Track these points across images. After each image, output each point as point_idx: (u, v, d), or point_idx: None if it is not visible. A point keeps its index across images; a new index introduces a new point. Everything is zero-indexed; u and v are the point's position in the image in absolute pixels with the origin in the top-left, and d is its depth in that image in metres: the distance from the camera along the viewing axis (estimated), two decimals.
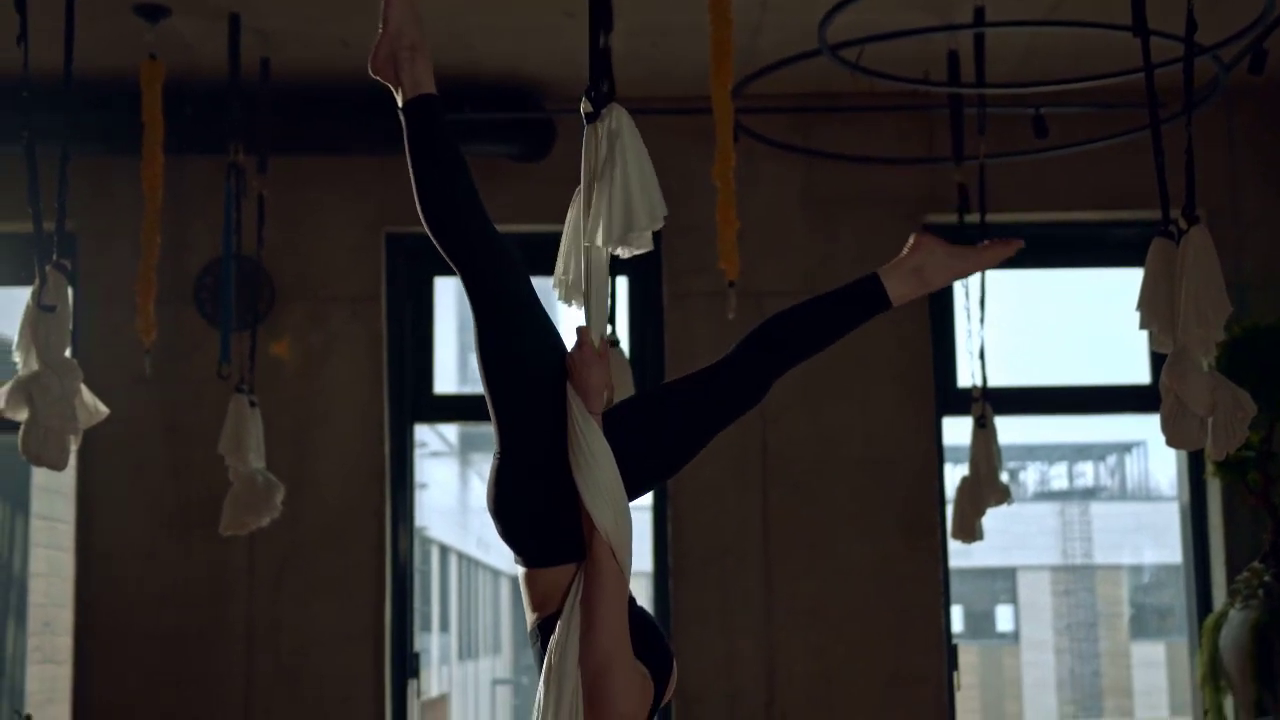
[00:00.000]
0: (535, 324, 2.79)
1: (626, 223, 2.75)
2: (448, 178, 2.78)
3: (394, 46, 2.86)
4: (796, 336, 2.89)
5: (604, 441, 2.68)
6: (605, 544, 2.64)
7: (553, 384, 2.74)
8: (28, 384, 4.13)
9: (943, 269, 2.93)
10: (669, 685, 2.77)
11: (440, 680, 17.73)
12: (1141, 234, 4.44)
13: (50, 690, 8.82)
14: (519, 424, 2.76)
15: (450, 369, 13.89)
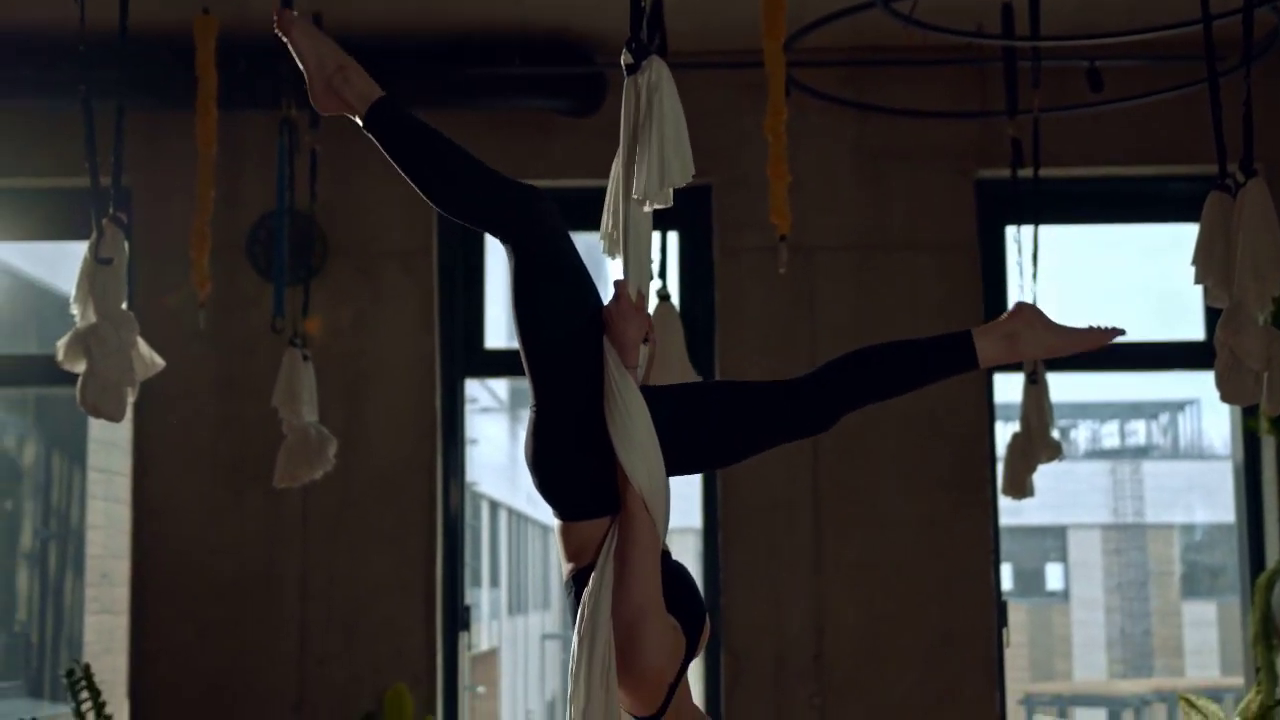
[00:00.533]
0: (572, 277, 2.79)
1: (662, 177, 2.75)
2: (440, 166, 2.79)
3: (323, 78, 2.84)
4: (878, 376, 2.87)
5: (639, 396, 2.69)
6: (639, 498, 2.65)
7: (590, 338, 2.74)
8: (85, 336, 4.18)
9: (1037, 342, 2.91)
10: (700, 640, 2.78)
11: (490, 635, 17.86)
12: (1197, 189, 4.40)
13: (108, 640, 8.95)
14: (555, 379, 2.77)
15: (501, 324, 13.91)
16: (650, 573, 2.65)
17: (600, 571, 2.69)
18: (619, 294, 2.75)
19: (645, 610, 2.62)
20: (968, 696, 6.49)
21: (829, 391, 2.83)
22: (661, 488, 2.69)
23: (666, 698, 2.70)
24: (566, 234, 2.82)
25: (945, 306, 6.65)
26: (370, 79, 2.84)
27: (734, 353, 6.65)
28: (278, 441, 5.81)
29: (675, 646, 2.69)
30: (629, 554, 2.65)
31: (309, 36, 2.85)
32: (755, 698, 6.49)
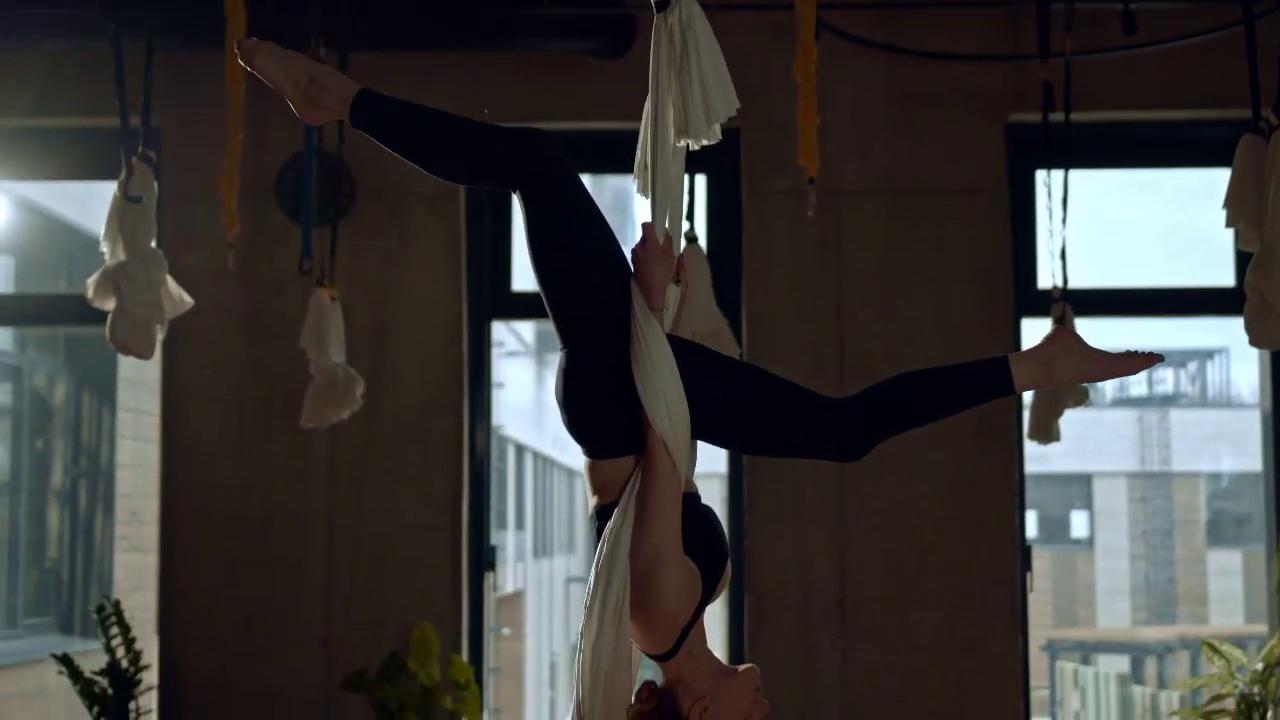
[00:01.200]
0: (584, 218, 2.78)
1: (707, 114, 2.74)
2: (430, 140, 2.76)
3: (299, 93, 2.79)
4: (915, 407, 2.81)
5: (664, 340, 2.69)
6: (660, 440, 2.66)
7: (612, 281, 2.74)
8: (115, 274, 4.20)
9: (1074, 368, 2.84)
10: (719, 586, 2.79)
11: (515, 577, 17.96)
12: (1230, 133, 4.36)
13: (137, 578, 9.04)
14: (579, 323, 2.76)
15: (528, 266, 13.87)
16: (669, 515, 2.66)
17: (622, 510, 2.70)
18: (646, 235, 2.75)
19: (662, 552, 2.64)
20: (990, 641, 6.51)
21: (866, 420, 2.80)
22: (683, 431, 2.69)
23: (679, 639, 2.71)
24: (573, 174, 2.79)
25: (973, 252, 6.63)
26: (342, 78, 2.81)
27: (761, 297, 6.64)
28: (305, 382, 5.85)
29: (691, 590, 2.70)
30: (648, 496, 2.66)
31: (273, 58, 2.81)
32: (778, 641, 6.52)
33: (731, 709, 2.74)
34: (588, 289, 2.75)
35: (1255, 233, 3.90)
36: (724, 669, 2.78)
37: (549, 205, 2.75)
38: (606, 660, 2.64)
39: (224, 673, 6.56)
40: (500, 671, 15.70)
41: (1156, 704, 15.44)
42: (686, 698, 2.73)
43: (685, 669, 2.74)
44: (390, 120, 2.79)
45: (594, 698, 2.64)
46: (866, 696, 6.49)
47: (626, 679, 2.67)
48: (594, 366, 2.75)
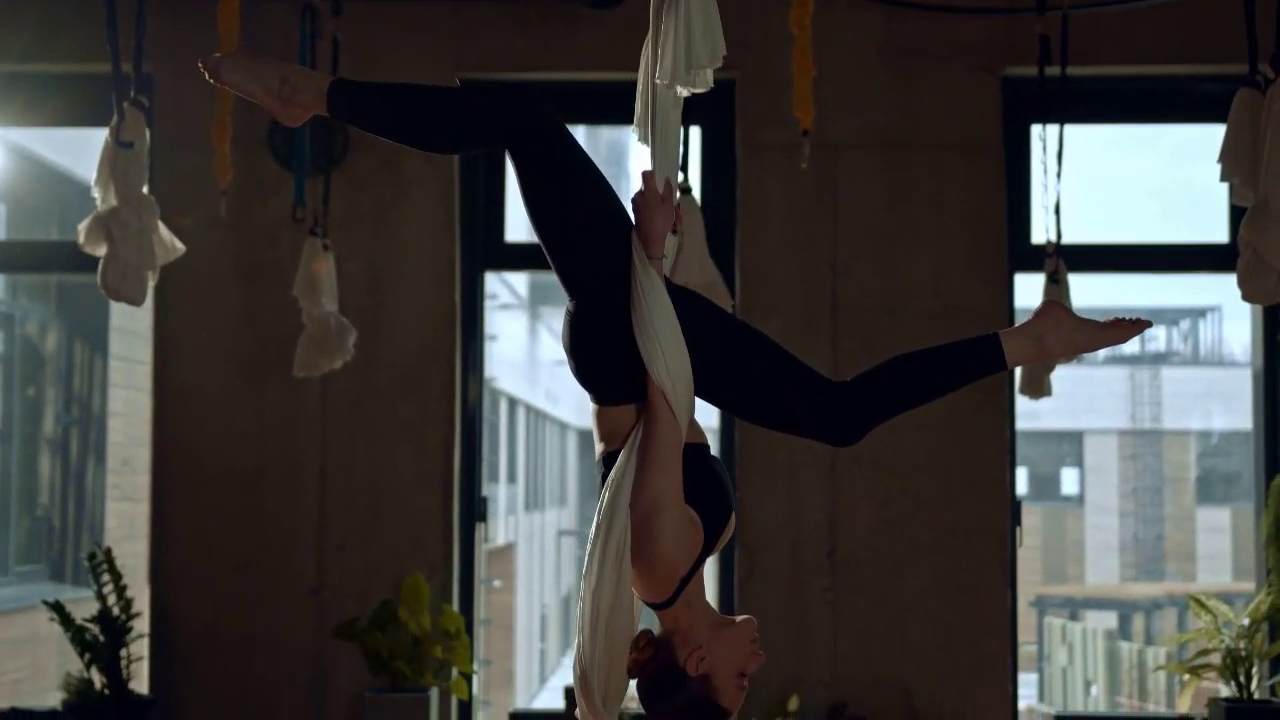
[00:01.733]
0: (578, 169, 2.76)
1: (688, 59, 2.72)
2: (412, 119, 2.73)
3: (274, 98, 2.75)
4: (910, 389, 2.84)
5: (663, 290, 2.69)
6: (658, 390, 2.67)
7: (611, 231, 2.74)
8: (106, 219, 4.19)
9: (1065, 341, 2.87)
10: (721, 537, 2.79)
11: (507, 530, 18.02)
12: (1227, 89, 4.35)
13: (129, 526, 9.06)
14: (580, 274, 2.76)
15: (522, 217, 13.87)
16: (668, 465, 2.66)
17: (625, 458, 2.71)
18: (646, 184, 2.74)
19: (661, 501, 2.65)
20: (980, 595, 6.54)
21: (862, 407, 2.82)
22: (682, 381, 2.69)
23: (678, 589, 2.72)
24: (561, 127, 2.77)
25: (968, 206, 6.62)
26: (313, 73, 2.78)
27: (754, 250, 6.64)
28: (298, 331, 5.84)
29: (691, 540, 2.70)
30: (648, 445, 2.67)
31: (240, 69, 2.77)
32: (769, 592, 6.55)
33: (728, 659, 2.75)
34: (586, 241, 2.75)
35: (1250, 187, 3.90)
36: (721, 619, 2.79)
37: (540, 162, 2.74)
38: (606, 606, 2.65)
39: (215, 621, 6.58)
40: (491, 623, 15.76)
41: (1143, 660, 15.55)
42: (683, 648, 2.74)
43: (683, 618, 2.75)
44: (368, 106, 2.77)
45: (594, 644, 2.66)
46: (856, 648, 6.52)
47: (627, 626, 2.68)
48: (598, 315, 2.75)
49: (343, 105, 2.75)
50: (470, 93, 2.78)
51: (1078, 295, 5.91)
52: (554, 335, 22.34)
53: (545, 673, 20.73)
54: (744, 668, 2.77)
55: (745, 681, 2.78)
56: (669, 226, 2.73)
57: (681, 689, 2.75)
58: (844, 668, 6.52)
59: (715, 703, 2.76)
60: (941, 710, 6.47)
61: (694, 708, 2.76)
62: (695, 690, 2.74)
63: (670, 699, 2.76)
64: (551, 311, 22.43)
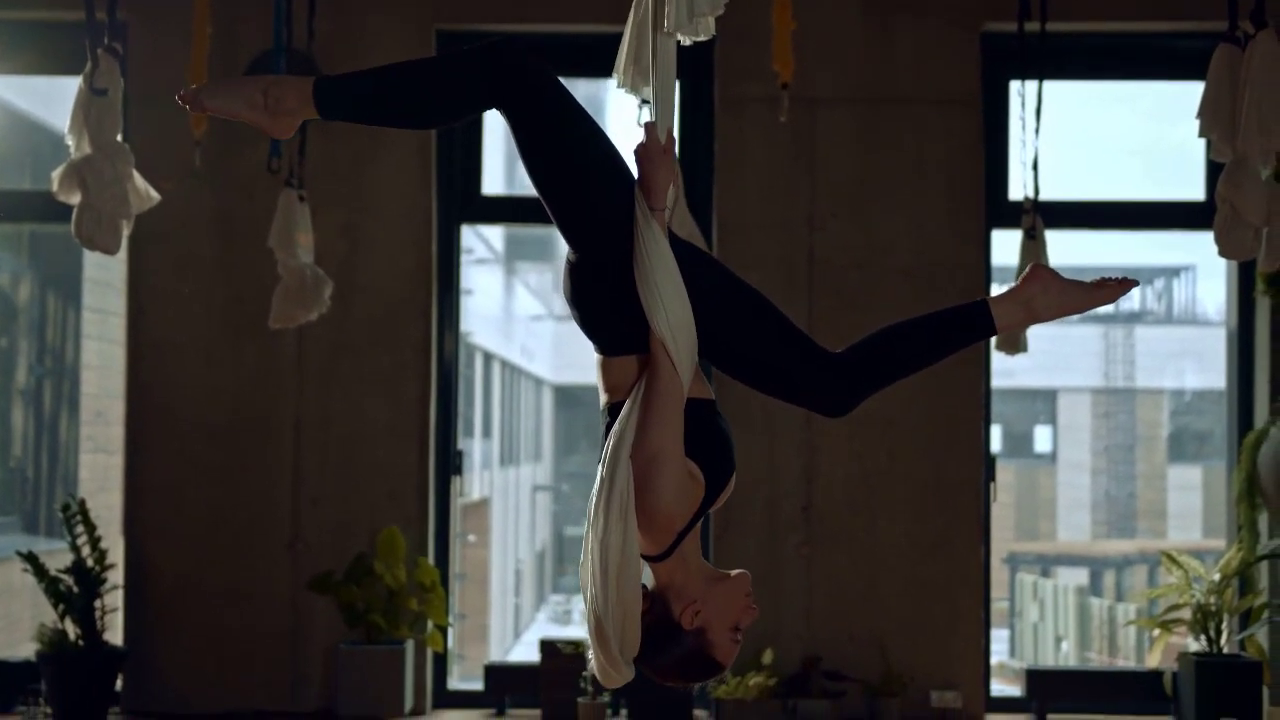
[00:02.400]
0: (583, 125, 2.74)
1: (690, 7, 2.70)
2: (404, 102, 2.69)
3: (262, 113, 2.69)
4: (900, 358, 2.83)
5: (665, 242, 2.68)
6: (659, 342, 2.66)
7: (611, 183, 2.72)
8: (80, 167, 4.15)
9: (1054, 304, 2.86)
10: (721, 494, 2.80)
11: (481, 484, 18.02)
12: (1206, 45, 4.34)
13: (102, 479, 9.02)
14: (584, 227, 2.74)
15: (498, 171, 13.84)
16: (668, 418, 2.66)
17: (627, 410, 2.71)
18: (649, 135, 2.72)
19: (660, 454, 2.64)
20: (954, 549, 6.57)
21: (856, 377, 2.81)
22: (684, 334, 2.68)
23: (675, 542, 2.72)
24: (552, 79, 2.73)
25: (946, 162, 6.62)
26: (292, 78, 2.72)
27: (732, 205, 6.62)
28: (273, 283, 5.82)
29: (691, 495, 2.71)
30: (649, 398, 2.67)
31: (220, 92, 2.71)
32: (743, 546, 6.57)
33: (722, 613, 2.76)
34: (587, 194, 2.72)
35: (1228, 143, 3.90)
36: (716, 574, 2.80)
37: (535, 117, 2.70)
38: (616, 555, 2.65)
39: (190, 573, 6.58)
40: (465, 578, 15.80)
41: (1114, 616, 15.67)
42: (678, 602, 2.75)
43: (678, 572, 2.75)
44: (355, 100, 2.72)
45: (606, 593, 2.65)
46: (831, 602, 6.55)
47: (636, 575, 2.68)
48: (600, 267, 2.74)
49: (330, 104, 2.70)
50: (455, 61, 2.72)
51: (1054, 253, 5.92)
52: (530, 290, 22.29)
53: (519, 627, 20.79)
54: (739, 621, 2.78)
55: (739, 635, 2.79)
56: (671, 178, 2.72)
57: (676, 643, 2.76)
58: (818, 622, 6.55)
59: (710, 656, 2.77)
60: (915, 664, 6.51)
61: (689, 661, 2.77)
62: (690, 644, 2.75)
63: (665, 652, 2.76)
64: (527, 267, 22.39)
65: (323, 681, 6.55)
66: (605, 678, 2.72)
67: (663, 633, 2.75)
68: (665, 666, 2.78)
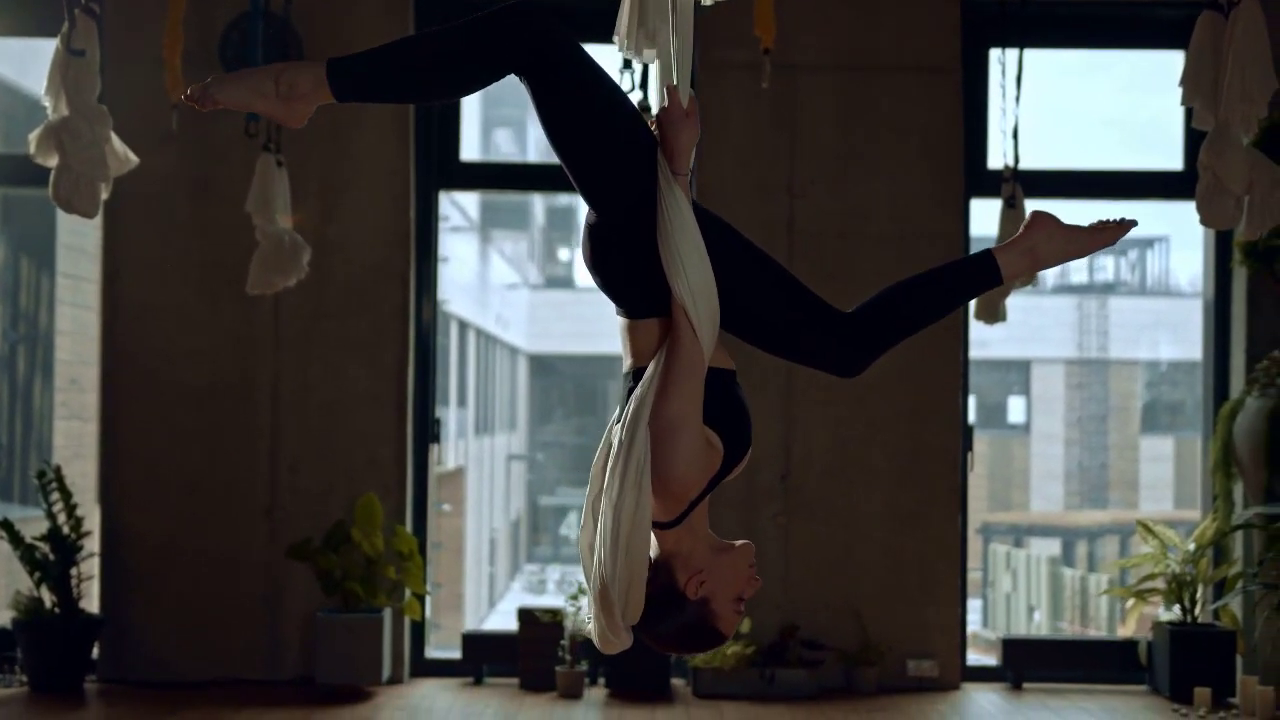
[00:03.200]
0: (604, 88, 2.71)
1: None
2: (420, 76, 2.64)
3: (277, 103, 2.64)
4: (910, 314, 2.83)
5: (688, 208, 2.66)
6: (680, 307, 2.65)
7: (636, 148, 2.70)
8: (58, 129, 4.11)
9: (1057, 250, 2.87)
10: (737, 465, 2.80)
11: (457, 453, 18.00)
12: (1186, 15, 4.36)
13: (77, 445, 8.98)
14: (606, 191, 2.72)
15: (475, 137, 13.78)
16: (689, 384, 2.65)
17: (649, 376, 2.70)
18: (673, 99, 2.70)
19: (680, 420, 2.64)
20: (931, 519, 6.59)
21: (869, 336, 2.82)
22: (705, 300, 2.66)
23: (685, 511, 2.72)
24: (572, 42, 2.68)
25: (926, 129, 6.61)
26: (303, 64, 2.66)
27: (712, 171, 6.60)
28: (250, 247, 5.78)
29: (708, 463, 2.71)
30: (670, 363, 2.66)
31: (232, 83, 2.64)
32: (721, 516, 6.54)
33: (726, 583, 2.76)
34: (609, 158, 2.70)
35: (1210, 111, 3.90)
36: (721, 544, 2.80)
37: (556, 83, 2.66)
38: (628, 521, 2.64)
39: (167, 540, 6.55)
40: (441, 547, 15.78)
41: (1086, 586, 15.75)
42: (683, 571, 2.75)
43: (684, 541, 2.75)
44: (375, 78, 2.64)
45: (615, 559, 2.65)
46: (808, 571, 6.56)
47: (646, 541, 2.68)
48: (621, 230, 2.72)
49: (346, 86, 2.64)
50: (471, 30, 2.64)
51: None
52: (505, 259, 22.23)
53: (494, 596, 20.80)
54: (742, 592, 2.78)
55: (742, 606, 2.79)
56: (694, 142, 2.70)
57: (680, 611, 2.75)
58: (796, 591, 6.57)
59: (713, 626, 2.77)
60: (891, 633, 6.53)
61: (692, 630, 2.77)
62: (694, 613, 2.75)
63: (669, 621, 2.76)
64: (503, 235, 22.33)
65: (300, 649, 6.54)
66: (604, 643, 2.71)
67: (666, 601, 2.74)
68: (667, 635, 2.78)
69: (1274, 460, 6.15)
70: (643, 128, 2.72)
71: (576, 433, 25.48)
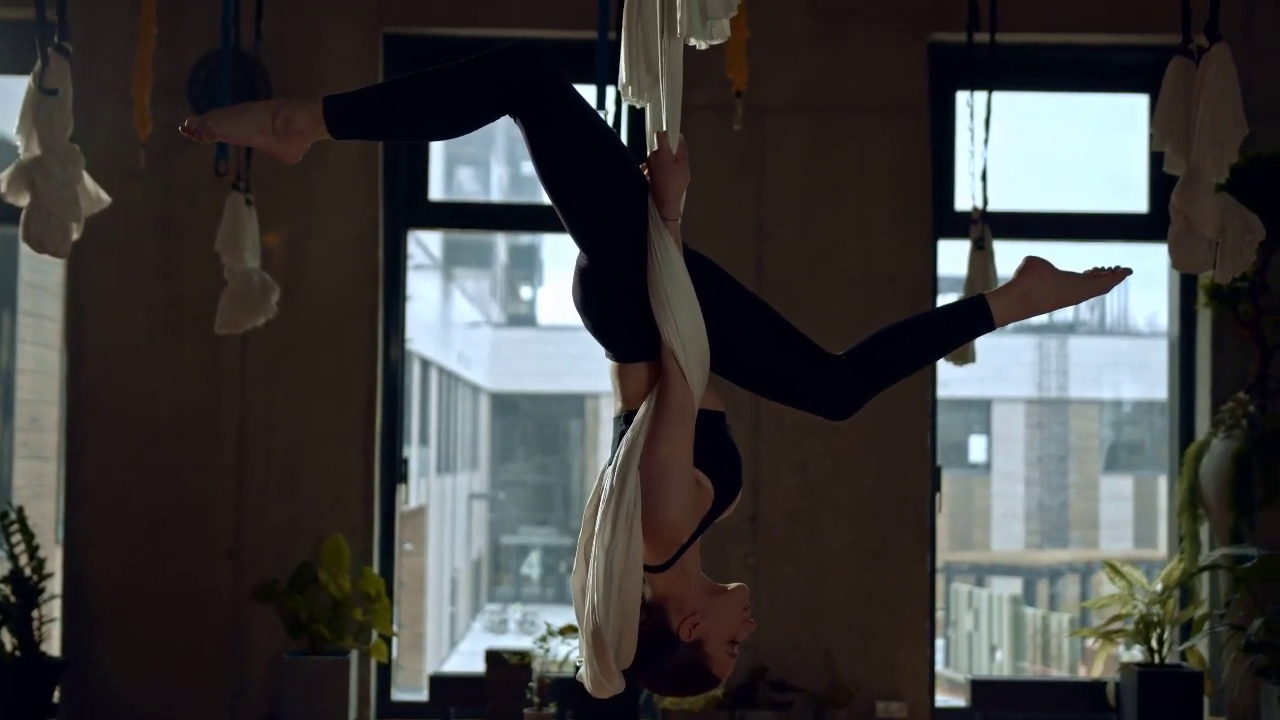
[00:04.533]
0: (598, 132, 2.72)
1: (703, 10, 2.69)
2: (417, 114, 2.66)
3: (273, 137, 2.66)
4: (903, 358, 2.86)
5: (677, 253, 2.67)
6: (670, 352, 2.65)
7: (626, 190, 2.70)
8: (30, 169, 4.08)
9: (1050, 296, 2.89)
10: (727, 508, 2.81)
11: (419, 492, 17.92)
12: (1154, 59, 4.41)
13: (37, 485, 8.89)
14: (596, 235, 2.73)
15: (443, 176, 13.78)
16: (679, 429, 2.65)
17: (640, 419, 2.70)
18: (662, 144, 2.71)
19: (670, 464, 2.64)
20: (898, 559, 6.59)
21: (860, 380, 2.84)
22: (694, 345, 2.66)
23: (677, 554, 2.72)
24: (566, 84, 2.69)
25: (895, 170, 6.64)
26: (300, 100, 2.68)
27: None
28: (216, 286, 5.74)
29: (698, 506, 2.71)
30: (660, 407, 2.66)
31: (230, 117, 2.67)
32: None
33: (720, 625, 2.76)
34: (600, 201, 2.70)
35: (1181, 156, 3.93)
36: (714, 586, 2.79)
37: (547, 123, 2.67)
38: (620, 565, 2.64)
39: (130, 581, 6.48)
40: (403, 586, 15.68)
41: (1047, 625, 15.79)
42: (677, 613, 2.74)
43: (676, 583, 2.75)
44: (369, 115, 2.68)
45: (608, 603, 2.64)
46: (777, 612, 6.55)
47: (638, 584, 2.67)
48: (611, 274, 2.73)
49: (341, 123, 2.66)
50: (468, 70, 2.66)
51: (1000, 263, 5.95)
52: (468, 297, 22.20)
53: (455, 637, 20.68)
54: (736, 635, 2.78)
55: (735, 649, 2.79)
56: (684, 187, 2.71)
57: (674, 654, 2.75)
58: (765, 632, 6.54)
59: (706, 669, 2.77)
60: (860, 674, 6.51)
61: (685, 673, 2.77)
62: (687, 656, 2.75)
63: (662, 663, 2.76)
64: (465, 273, 22.31)
65: (265, 691, 6.47)
66: (597, 688, 2.70)
67: (660, 644, 2.74)
68: (661, 678, 2.77)
69: (1240, 502, 6.18)
70: (635, 173, 2.72)
71: (538, 471, 25.42)
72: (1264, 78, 6.51)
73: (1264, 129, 6.24)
